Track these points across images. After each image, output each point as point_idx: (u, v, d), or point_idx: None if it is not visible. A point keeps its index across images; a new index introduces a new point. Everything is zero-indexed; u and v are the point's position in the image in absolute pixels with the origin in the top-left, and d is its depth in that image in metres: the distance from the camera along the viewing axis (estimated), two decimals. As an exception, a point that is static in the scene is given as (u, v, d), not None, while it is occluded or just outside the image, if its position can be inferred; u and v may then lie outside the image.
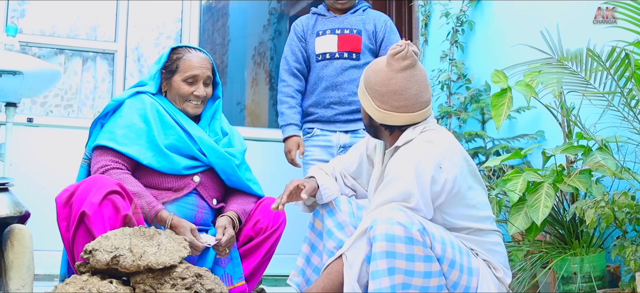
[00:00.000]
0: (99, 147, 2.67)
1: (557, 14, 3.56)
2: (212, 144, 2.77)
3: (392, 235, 2.05)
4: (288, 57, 3.58)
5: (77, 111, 4.68)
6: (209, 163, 2.76)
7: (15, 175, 3.06)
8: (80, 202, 2.38)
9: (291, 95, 3.54)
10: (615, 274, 2.96)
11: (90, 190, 2.39)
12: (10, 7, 4.48)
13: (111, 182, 2.42)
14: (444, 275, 2.15)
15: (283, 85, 3.57)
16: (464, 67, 4.34)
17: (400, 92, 2.32)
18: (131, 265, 2.20)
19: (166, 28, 4.93)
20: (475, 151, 3.95)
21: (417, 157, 2.21)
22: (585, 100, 3.01)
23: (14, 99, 3.42)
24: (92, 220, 2.35)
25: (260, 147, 4.76)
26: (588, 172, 2.86)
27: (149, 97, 2.76)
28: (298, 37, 3.59)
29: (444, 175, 2.21)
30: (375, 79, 2.35)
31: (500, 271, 2.32)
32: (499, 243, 2.36)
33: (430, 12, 4.80)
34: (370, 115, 2.40)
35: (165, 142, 2.70)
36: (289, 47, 3.61)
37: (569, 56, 2.94)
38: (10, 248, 2.51)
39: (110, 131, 2.67)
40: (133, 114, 2.70)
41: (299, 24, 3.64)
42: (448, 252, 2.14)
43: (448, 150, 2.28)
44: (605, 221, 2.65)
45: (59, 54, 4.66)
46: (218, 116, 2.93)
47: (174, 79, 2.79)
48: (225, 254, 2.63)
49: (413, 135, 2.32)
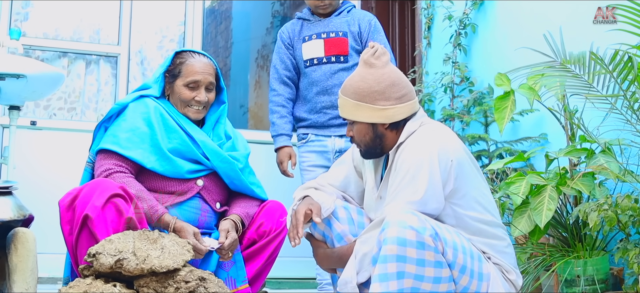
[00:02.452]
0: (103, 150, 2.67)
1: (560, 17, 3.56)
2: (216, 148, 2.77)
3: (403, 239, 2.04)
4: (277, 65, 3.55)
5: (81, 114, 4.69)
6: (212, 168, 2.76)
7: (19, 178, 3.06)
8: (83, 206, 2.38)
9: (282, 104, 3.51)
10: (619, 277, 2.96)
11: (93, 194, 2.39)
12: (14, 10, 4.49)
13: (114, 185, 2.43)
14: (454, 280, 2.14)
15: (273, 94, 3.54)
16: (467, 70, 4.34)
17: (396, 82, 2.33)
18: (135, 268, 2.20)
19: (169, 31, 4.94)
20: (479, 154, 3.95)
21: (425, 147, 2.22)
22: (588, 103, 3.01)
23: (17, 102, 3.43)
24: (95, 223, 2.35)
25: (264, 150, 4.74)
26: (591, 175, 2.86)
27: (153, 101, 2.76)
28: (285, 44, 3.56)
29: (451, 160, 2.21)
30: (366, 84, 2.33)
31: (512, 273, 2.31)
32: (509, 244, 2.35)
33: (433, 15, 4.80)
34: (373, 125, 2.35)
35: (168, 146, 2.70)
36: (277, 55, 3.57)
37: (572, 59, 2.95)
38: (14, 251, 2.51)
39: (113, 135, 2.68)
40: (137, 118, 2.70)
41: (284, 31, 3.60)
42: (459, 257, 2.13)
43: (451, 138, 2.30)
44: (608, 224, 2.65)
45: (63, 57, 4.68)
46: (222, 121, 2.93)
47: (176, 83, 2.80)
48: (228, 258, 2.63)
49: (414, 127, 2.33)
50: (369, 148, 2.40)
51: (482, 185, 2.33)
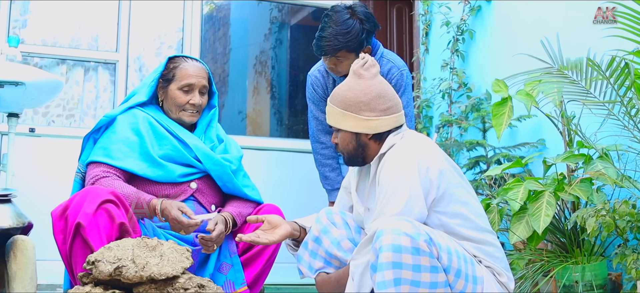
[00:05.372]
0: (93, 162, 2.70)
1: (558, 23, 3.57)
2: (208, 151, 2.80)
3: (398, 245, 2.05)
4: (319, 117, 3.51)
5: (79, 121, 4.69)
6: (204, 170, 2.79)
7: (18, 185, 3.06)
8: (75, 214, 2.40)
9: (332, 156, 3.51)
10: (617, 282, 2.96)
11: (84, 201, 2.40)
12: (12, 18, 4.49)
13: (104, 191, 2.44)
14: (450, 285, 2.15)
15: (321, 147, 3.52)
16: (464, 76, 4.35)
17: (382, 94, 2.37)
18: (134, 276, 2.21)
19: (167, 38, 4.94)
20: (477, 160, 3.96)
21: (405, 160, 2.25)
22: (585, 109, 3.02)
23: (16, 110, 3.43)
24: (88, 230, 2.36)
25: (262, 156, 4.76)
26: (589, 181, 2.87)
27: (141, 111, 2.80)
28: (320, 98, 3.50)
29: (431, 170, 2.24)
30: (353, 94, 2.37)
31: (503, 276, 2.32)
32: (498, 248, 2.37)
33: (431, 22, 4.81)
34: (357, 135, 2.39)
35: (159, 153, 2.74)
36: (315, 105, 3.52)
37: (569, 65, 2.96)
38: (13, 259, 2.51)
39: (103, 147, 2.71)
40: (126, 129, 2.74)
41: (318, 85, 3.50)
42: (454, 261, 2.15)
43: (431, 149, 2.33)
44: (606, 229, 2.65)
45: (61, 64, 4.68)
46: (214, 124, 2.97)
47: (170, 87, 2.83)
48: (212, 250, 2.65)
49: (395, 140, 2.36)
50: (352, 156, 2.45)
51: (467, 192, 2.35)
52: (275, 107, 5.84)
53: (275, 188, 3.67)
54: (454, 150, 4.16)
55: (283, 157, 4.84)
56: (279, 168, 4.77)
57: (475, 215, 2.33)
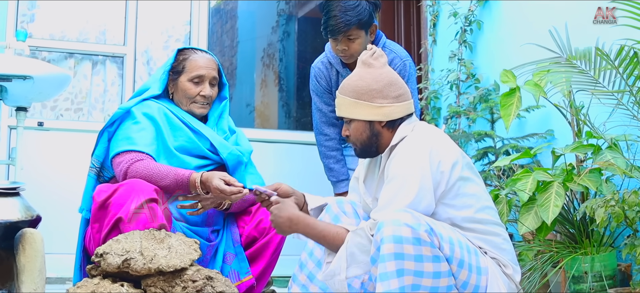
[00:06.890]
0: (120, 153, 2.67)
1: (566, 13, 3.55)
2: (224, 142, 2.81)
3: (399, 236, 2.05)
4: (323, 109, 3.48)
5: (87, 115, 4.70)
6: (219, 161, 2.79)
7: (26, 179, 3.08)
8: (117, 207, 2.41)
9: (336, 148, 3.49)
10: (627, 273, 2.95)
11: (129, 196, 2.42)
12: (20, 12, 4.50)
13: (149, 189, 2.45)
14: (453, 275, 2.15)
15: (325, 139, 3.49)
16: (472, 67, 4.34)
17: (393, 82, 2.38)
18: (142, 268, 2.21)
19: (175, 31, 4.95)
20: (485, 151, 3.94)
21: (416, 152, 2.25)
22: (594, 99, 3.00)
23: (24, 104, 3.44)
24: (128, 227, 2.38)
25: (271, 149, 4.77)
26: (598, 171, 2.86)
27: (155, 103, 2.79)
28: (324, 90, 3.46)
29: (443, 163, 2.24)
30: (365, 83, 2.36)
31: (509, 268, 2.32)
32: (506, 240, 2.36)
33: (439, 12, 4.80)
34: (371, 123, 2.38)
35: (175, 144, 2.73)
36: (319, 98, 3.48)
37: (578, 55, 2.94)
38: (22, 252, 2.52)
39: (126, 137, 2.68)
40: (143, 119, 2.72)
41: (322, 77, 3.45)
42: (456, 251, 2.14)
43: (443, 141, 2.32)
44: (615, 220, 2.64)
45: (69, 58, 4.69)
46: (225, 116, 2.97)
47: (181, 79, 2.82)
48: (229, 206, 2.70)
49: (406, 131, 2.35)
50: (365, 146, 2.42)
51: (476, 184, 2.35)
52: (283, 99, 5.84)
53: (284, 181, 3.63)
54: (462, 141, 4.14)
55: (291, 149, 4.84)
56: (288, 161, 4.78)
57: (483, 208, 2.33)
